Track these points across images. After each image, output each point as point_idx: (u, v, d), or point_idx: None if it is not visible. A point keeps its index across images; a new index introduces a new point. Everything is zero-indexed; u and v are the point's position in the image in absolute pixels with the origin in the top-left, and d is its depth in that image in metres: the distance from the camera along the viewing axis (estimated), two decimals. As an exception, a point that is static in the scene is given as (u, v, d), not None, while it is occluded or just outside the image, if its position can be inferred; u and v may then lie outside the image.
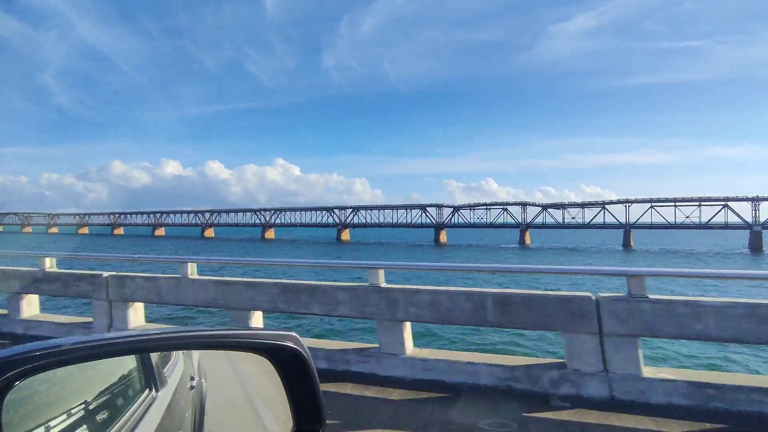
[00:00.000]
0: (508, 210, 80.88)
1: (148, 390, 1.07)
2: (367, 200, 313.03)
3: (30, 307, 6.03)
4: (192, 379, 1.39)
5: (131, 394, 1.00)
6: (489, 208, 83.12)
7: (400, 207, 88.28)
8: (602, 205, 74.41)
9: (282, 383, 0.94)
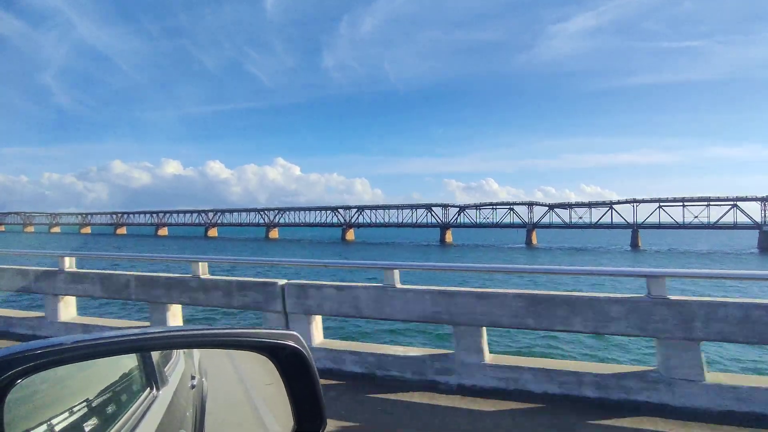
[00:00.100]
0: (515, 210, 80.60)
1: (149, 389, 1.07)
2: (367, 200, 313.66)
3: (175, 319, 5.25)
4: (193, 378, 1.39)
5: (132, 392, 1.00)
6: (495, 207, 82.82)
7: (406, 207, 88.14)
8: (610, 204, 73.91)
9: (283, 382, 0.94)
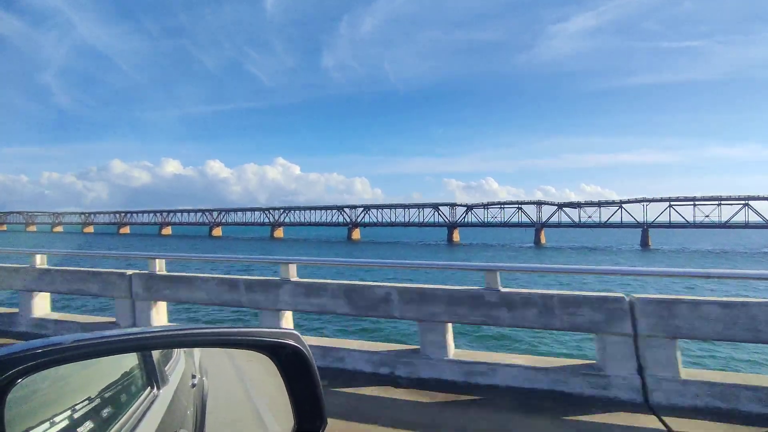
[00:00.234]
0: (523, 209, 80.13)
1: (149, 388, 1.08)
2: (367, 199, 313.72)
3: None
4: (193, 377, 1.40)
5: (133, 391, 1.00)
6: (503, 207, 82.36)
7: (412, 206, 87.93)
8: (619, 204, 73.21)
9: (283, 381, 0.94)
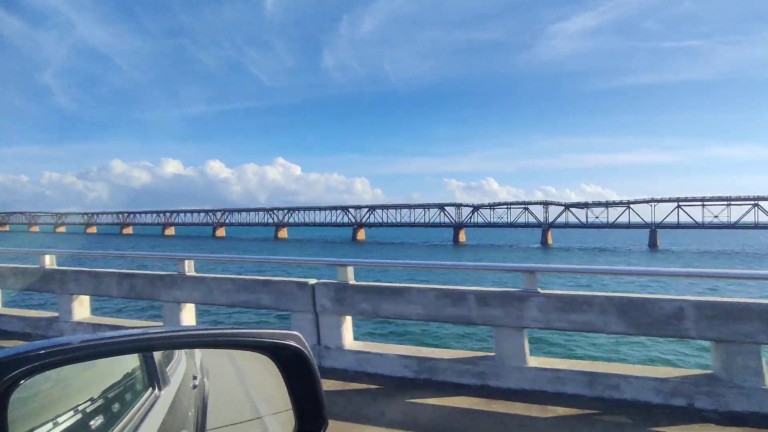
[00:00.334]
0: (529, 209, 79.71)
1: (151, 389, 1.08)
2: (367, 199, 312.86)
3: None
4: (194, 378, 1.40)
5: (134, 392, 1.00)
6: (510, 207, 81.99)
7: (418, 206, 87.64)
8: (627, 204, 72.68)
9: (284, 382, 0.94)
